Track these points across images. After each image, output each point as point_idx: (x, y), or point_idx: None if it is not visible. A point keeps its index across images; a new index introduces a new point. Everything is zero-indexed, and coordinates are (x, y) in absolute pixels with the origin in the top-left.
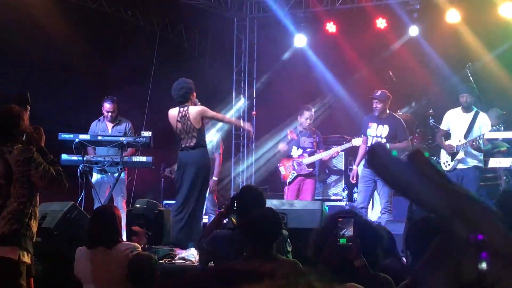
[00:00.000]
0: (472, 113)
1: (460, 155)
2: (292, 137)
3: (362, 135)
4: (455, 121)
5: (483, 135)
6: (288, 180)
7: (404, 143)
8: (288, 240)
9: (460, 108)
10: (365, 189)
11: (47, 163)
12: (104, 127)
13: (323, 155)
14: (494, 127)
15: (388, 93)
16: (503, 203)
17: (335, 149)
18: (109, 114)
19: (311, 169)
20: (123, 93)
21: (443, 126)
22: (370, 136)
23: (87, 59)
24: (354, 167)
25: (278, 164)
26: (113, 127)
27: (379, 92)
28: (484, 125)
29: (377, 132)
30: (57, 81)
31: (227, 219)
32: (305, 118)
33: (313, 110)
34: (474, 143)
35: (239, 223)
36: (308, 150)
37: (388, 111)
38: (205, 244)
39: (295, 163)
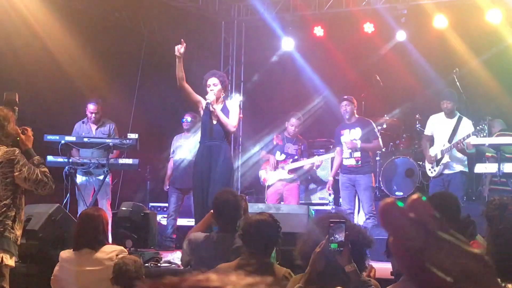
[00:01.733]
0: (456, 118)
1: (445, 159)
2: (277, 141)
3: (336, 147)
4: (438, 126)
5: (468, 136)
6: (267, 183)
7: (375, 142)
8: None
9: (442, 113)
10: (347, 194)
11: (33, 164)
12: (88, 128)
13: (304, 162)
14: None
15: (354, 99)
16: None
17: (318, 158)
18: (93, 115)
19: (292, 174)
20: (109, 95)
21: (427, 131)
22: (344, 142)
23: (73, 60)
24: (330, 178)
25: (260, 169)
26: (97, 128)
27: (346, 96)
28: (467, 130)
29: (350, 136)
30: (42, 81)
31: None
32: (291, 125)
33: (302, 118)
34: (459, 145)
35: (218, 225)
36: (292, 156)
37: (356, 115)
38: (184, 245)
39: (277, 168)
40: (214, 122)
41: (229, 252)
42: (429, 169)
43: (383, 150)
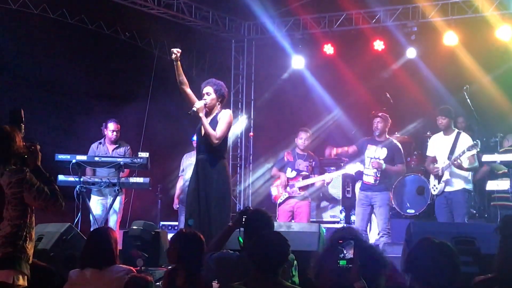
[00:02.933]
0: (454, 134)
1: (445, 176)
2: (288, 158)
3: (352, 162)
4: (438, 145)
5: (463, 152)
6: (279, 201)
7: (399, 167)
8: (295, 263)
9: (441, 132)
10: (362, 213)
11: (42, 182)
12: (106, 149)
13: (316, 179)
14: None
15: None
16: (503, 228)
17: (328, 175)
18: (114, 133)
19: (303, 192)
20: (120, 114)
21: (429, 152)
22: (368, 157)
23: (84, 80)
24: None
25: (271, 186)
26: (113, 150)
27: (381, 113)
28: (465, 145)
29: (375, 154)
30: (54, 102)
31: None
32: (300, 138)
33: (310, 132)
34: (455, 162)
35: (246, 245)
36: (303, 173)
37: (387, 135)
38: (211, 261)
39: (288, 185)
40: (203, 133)
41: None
42: (432, 187)
43: None
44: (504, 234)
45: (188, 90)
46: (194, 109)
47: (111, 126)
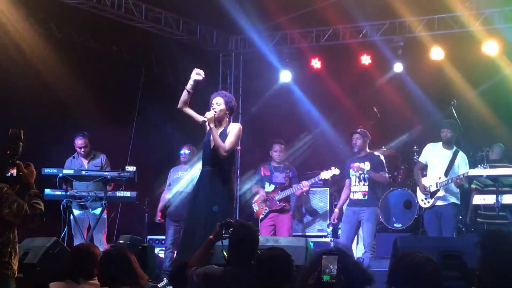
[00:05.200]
0: (453, 150)
1: (441, 193)
2: (264, 173)
3: (345, 179)
4: (435, 157)
5: (467, 173)
6: (261, 216)
7: (382, 173)
8: None
9: (440, 143)
10: (348, 229)
11: (29, 196)
12: (80, 163)
13: (292, 190)
14: (480, 165)
15: (368, 133)
16: (483, 242)
17: (306, 182)
18: (82, 149)
19: (283, 204)
20: (107, 127)
21: (422, 159)
22: (353, 175)
23: (71, 93)
24: (336, 210)
25: (253, 201)
26: (88, 162)
27: (359, 129)
28: (462, 165)
29: (360, 169)
30: (39, 114)
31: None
32: (275, 151)
33: (284, 144)
34: (458, 181)
35: (230, 258)
36: (281, 185)
37: (367, 150)
38: (195, 276)
39: (267, 199)
40: (212, 145)
41: None
42: (422, 200)
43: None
44: (484, 248)
45: (188, 109)
46: (205, 119)
47: (78, 142)
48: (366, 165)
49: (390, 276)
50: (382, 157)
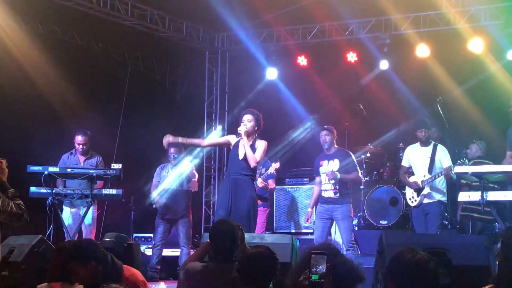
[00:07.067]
0: (431, 146)
1: (426, 190)
2: None
3: (315, 176)
4: (416, 157)
5: (452, 166)
6: None
7: (353, 174)
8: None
9: (418, 143)
10: (322, 226)
11: (7, 197)
12: (76, 160)
13: (261, 183)
14: (458, 161)
15: (334, 129)
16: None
17: (259, 180)
18: (81, 146)
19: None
20: (93, 124)
21: (404, 163)
22: (323, 173)
23: (56, 90)
24: (309, 209)
25: None
26: (85, 160)
27: (326, 126)
28: (443, 157)
29: (329, 167)
30: (25, 112)
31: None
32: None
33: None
34: (447, 173)
35: (211, 254)
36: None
37: (336, 146)
38: (180, 274)
39: None
40: (241, 157)
41: (227, 283)
42: (410, 198)
43: (367, 179)
44: (505, 245)
45: (210, 142)
46: (241, 133)
47: (78, 138)
48: (335, 163)
49: (388, 273)
50: (351, 153)
